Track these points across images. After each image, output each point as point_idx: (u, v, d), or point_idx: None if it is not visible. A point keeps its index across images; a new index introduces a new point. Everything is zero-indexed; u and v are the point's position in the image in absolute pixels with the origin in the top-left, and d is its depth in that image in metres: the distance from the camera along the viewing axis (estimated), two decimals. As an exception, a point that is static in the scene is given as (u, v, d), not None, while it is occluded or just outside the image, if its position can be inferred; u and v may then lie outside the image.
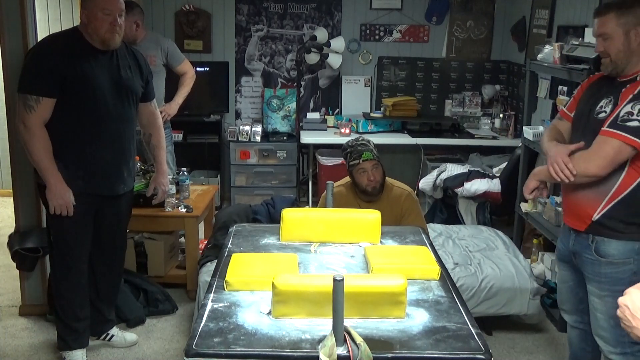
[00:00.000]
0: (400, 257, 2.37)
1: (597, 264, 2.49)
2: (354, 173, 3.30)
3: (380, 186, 3.29)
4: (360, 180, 3.27)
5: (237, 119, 5.95)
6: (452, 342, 1.83)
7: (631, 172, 2.37)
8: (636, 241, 2.43)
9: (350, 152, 3.30)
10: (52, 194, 2.89)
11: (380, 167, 3.30)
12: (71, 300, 3.13)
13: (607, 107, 2.42)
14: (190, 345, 1.78)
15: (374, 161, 3.25)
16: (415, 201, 3.39)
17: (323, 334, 1.82)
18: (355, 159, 3.27)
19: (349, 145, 3.34)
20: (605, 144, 2.34)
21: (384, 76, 5.94)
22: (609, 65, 2.45)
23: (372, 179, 3.24)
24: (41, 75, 2.82)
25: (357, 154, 3.27)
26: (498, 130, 5.55)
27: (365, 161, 3.24)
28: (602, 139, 2.35)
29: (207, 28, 5.74)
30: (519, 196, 4.27)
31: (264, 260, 2.32)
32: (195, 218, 3.93)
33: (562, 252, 2.71)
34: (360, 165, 3.25)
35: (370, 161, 3.24)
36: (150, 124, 3.32)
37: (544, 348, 3.52)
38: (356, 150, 3.28)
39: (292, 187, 5.63)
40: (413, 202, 3.36)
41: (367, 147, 3.28)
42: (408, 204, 3.33)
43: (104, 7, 2.83)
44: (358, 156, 3.26)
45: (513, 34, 5.70)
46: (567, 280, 2.73)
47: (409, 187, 3.46)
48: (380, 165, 3.29)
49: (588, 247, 2.51)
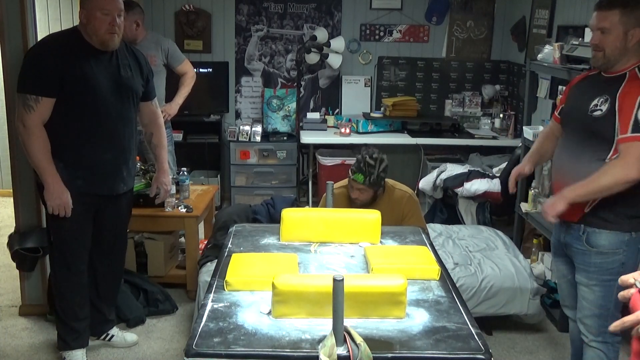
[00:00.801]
0: (400, 257, 2.37)
1: (587, 254, 2.56)
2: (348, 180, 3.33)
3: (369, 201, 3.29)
4: (350, 192, 3.31)
5: (237, 119, 5.95)
6: (452, 342, 1.83)
7: None
8: (626, 232, 2.49)
9: (355, 162, 3.28)
10: (50, 194, 2.89)
11: (371, 191, 3.27)
12: (71, 300, 3.12)
13: (602, 105, 2.46)
14: (190, 345, 1.78)
15: (361, 186, 3.24)
16: (416, 203, 3.39)
17: (323, 334, 1.82)
18: (350, 172, 3.28)
19: (360, 156, 3.28)
20: (634, 148, 2.36)
21: (384, 76, 5.94)
22: (600, 59, 2.49)
23: (355, 196, 3.28)
24: (40, 75, 2.82)
25: (355, 169, 3.25)
26: (498, 130, 5.55)
27: (354, 181, 3.25)
28: (630, 144, 2.36)
29: (207, 28, 5.74)
30: (519, 196, 4.27)
31: (264, 260, 2.32)
32: (195, 218, 3.93)
33: (556, 246, 2.77)
34: (350, 181, 3.29)
35: (358, 183, 3.24)
36: (152, 123, 3.32)
37: (544, 348, 3.51)
38: (357, 166, 3.24)
39: (292, 187, 5.63)
40: (414, 204, 3.36)
41: (368, 170, 3.21)
42: (409, 206, 3.33)
43: (103, 7, 2.83)
44: (353, 172, 3.25)
45: (513, 34, 5.70)
46: (566, 274, 2.77)
47: (409, 189, 3.45)
48: (370, 191, 3.26)
49: (579, 238, 2.57)
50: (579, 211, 2.53)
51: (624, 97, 2.40)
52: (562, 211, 2.48)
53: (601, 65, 2.51)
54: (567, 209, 2.57)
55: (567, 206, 2.47)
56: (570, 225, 2.61)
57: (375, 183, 3.24)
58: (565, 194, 2.48)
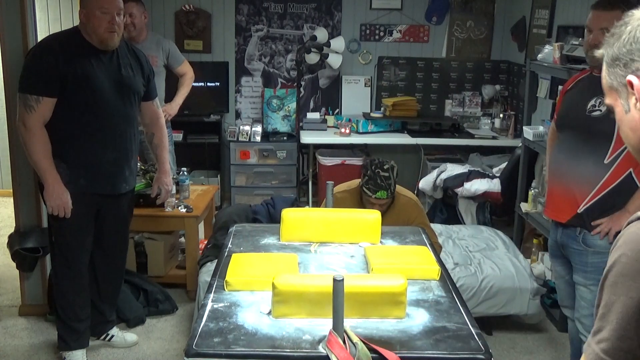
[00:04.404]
0: (400, 257, 2.37)
1: (584, 254, 2.57)
2: (363, 196, 3.20)
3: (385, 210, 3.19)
4: (367, 205, 3.19)
5: (237, 119, 5.95)
6: (452, 342, 1.83)
7: (622, 164, 2.44)
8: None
9: (368, 180, 3.15)
10: (50, 195, 2.88)
11: (390, 200, 3.19)
12: (72, 300, 3.12)
13: (601, 106, 2.47)
14: (190, 345, 1.78)
15: (384, 201, 3.15)
16: (422, 210, 3.39)
17: (323, 334, 1.82)
18: (369, 191, 3.14)
19: (371, 172, 3.14)
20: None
21: (384, 76, 5.94)
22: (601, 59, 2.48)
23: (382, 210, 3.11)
24: (41, 75, 2.82)
25: (374, 188, 3.13)
26: (498, 130, 5.55)
27: (377, 199, 3.14)
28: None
29: (207, 28, 5.74)
30: (519, 196, 4.27)
31: (264, 260, 2.32)
32: (195, 218, 3.93)
33: (553, 247, 2.78)
34: (371, 200, 3.16)
35: (381, 200, 3.14)
36: (153, 123, 3.31)
37: (544, 348, 3.51)
38: (375, 184, 3.12)
39: (292, 187, 5.62)
40: (420, 211, 3.35)
41: (386, 184, 3.12)
42: (415, 213, 3.31)
43: (102, 5, 2.83)
44: (373, 191, 3.13)
45: (513, 34, 5.69)
46: (563, 275, 2.78)
47: (414, 195, 3.44)
48: (389, 200, 3.18)
49: (575, 238, 2.59)
50: (572, 211, 2.55)
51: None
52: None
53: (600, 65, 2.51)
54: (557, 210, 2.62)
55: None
56: (565, 226, 2.62)
57: (394, 191, 3.19)
58: (629, 209, 2.45)
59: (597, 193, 2.49)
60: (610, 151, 2.44)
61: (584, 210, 2.53)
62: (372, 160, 3.22)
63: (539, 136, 3.99)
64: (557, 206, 2.65)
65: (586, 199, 2.51)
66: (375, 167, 3.15)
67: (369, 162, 3.22)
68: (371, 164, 3.18)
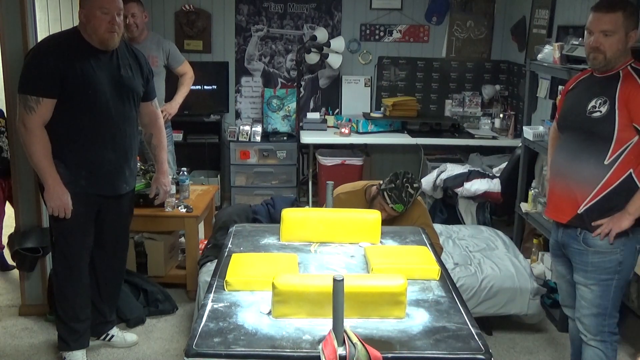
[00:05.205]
0: (400, 257, 2.37)
1: (585, 254, 2.58)
2: (380, 200, 3.20)
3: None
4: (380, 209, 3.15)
5: (237, 119, 5.95)
6: (452, 342, 1.83)
7: (622, 165, 2.45)
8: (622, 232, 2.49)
9: (393, 188, 3.16)
10: (50, 196, 2.88)
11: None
12: (73, 301, 3.12)
13: (601, 107, 2.47)
14: (190, 345, 1.78)
15: (398, 213, 3.19)
16: (425, 210, 3.40)
17: (323, 334, 1.82)
18: (389, 199, 3.15)
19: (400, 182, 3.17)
20: None
21: (384, 76, 5.94)
22: (601, 61, 2.49)
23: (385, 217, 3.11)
24: (41, 75, 2.81)
25: (396, 199, 3.15)
26: (498, 130, 5.55)
27: (393, 210, 3.17)
28: None
29: (207, 28, 5.74)
30: (519, 196, 4.27)
31: (264, 260, 2.32)
32: (195, 218, 3.93)
33: (554, 247, 2.79)
34: (386, 207, 3.17)
35: (396, 212, 3.18)
36: (152, 124, 3.31)
37: (544, 348, 3.51)
38: (399, 196, 3.15)
39: (292, 187, 5.62)
40: (423, 210, 3.37)
41: (407, 201, 3.15)
42: (419, 212, 3.32)
43: (102, 5, 2.83)
44: (394, 201, 3.15)
45: (513, 34, 5.69)
46: (565, 274, 2.78)
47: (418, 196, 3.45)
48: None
49: (576, 238, 2.59)
50: (572, 211, 2.56)
51: (626, 97, 2.42)
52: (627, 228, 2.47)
53: (602, 67, 2.52)
54: (558, 210, 2.63)
55: (633, 222, 2.46)
56: (566, 225, 2.63)
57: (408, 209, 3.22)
58: (630, 210, 2.46)
59: (597, 194, 2.50)
60: (610, 152, 2.45)
61: (584, 210, 2.54)
62: (405, 173, 3.23)
63: (539, 136, 3.99)
64: (557, 206, 2.66)
65: (586, 200, 2.53)
66: (406, 181, 3.18)
67: (402, 172, 3.22)
68: (403, 176, 3.20)
